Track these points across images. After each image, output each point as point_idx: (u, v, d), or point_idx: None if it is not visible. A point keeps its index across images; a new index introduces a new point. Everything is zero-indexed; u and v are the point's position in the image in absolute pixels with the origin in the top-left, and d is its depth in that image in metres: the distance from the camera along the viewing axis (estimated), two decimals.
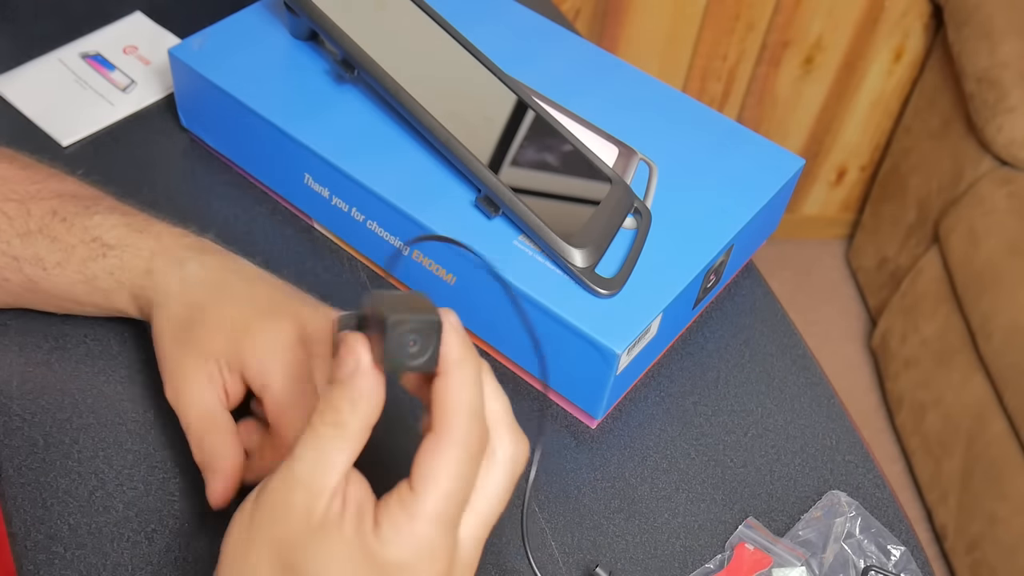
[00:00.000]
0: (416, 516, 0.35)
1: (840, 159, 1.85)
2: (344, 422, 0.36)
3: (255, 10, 0.68)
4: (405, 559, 0.35)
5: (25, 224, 0.53)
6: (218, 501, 0.49)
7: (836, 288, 1.90)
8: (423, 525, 0.35)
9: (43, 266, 0.53)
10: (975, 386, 1.41)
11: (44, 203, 0.54)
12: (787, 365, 0.63)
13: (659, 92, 0.67)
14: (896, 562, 0.54)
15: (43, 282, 0.54)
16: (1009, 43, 1.42)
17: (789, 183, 0.64)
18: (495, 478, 0.38)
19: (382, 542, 0.35)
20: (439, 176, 0.59)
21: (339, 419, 0.36)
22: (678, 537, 0.54)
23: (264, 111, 0.61)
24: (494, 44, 0.66)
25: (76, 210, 0.54)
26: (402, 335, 0.35)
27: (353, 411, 0.36)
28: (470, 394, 0.36)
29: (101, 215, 0.54)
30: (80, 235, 0.53)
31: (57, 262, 0.53)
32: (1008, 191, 1.43)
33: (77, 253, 0.53)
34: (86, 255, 0.53)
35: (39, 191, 0.55)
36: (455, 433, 0.36)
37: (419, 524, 0.35)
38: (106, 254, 0.53)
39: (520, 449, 0.39)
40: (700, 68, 1.65)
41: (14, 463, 0.53)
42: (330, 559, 0.36)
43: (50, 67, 0.73)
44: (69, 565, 0.50)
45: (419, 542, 0.35)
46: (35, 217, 0.54)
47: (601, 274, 0.55)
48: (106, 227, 0.54)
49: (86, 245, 0.53)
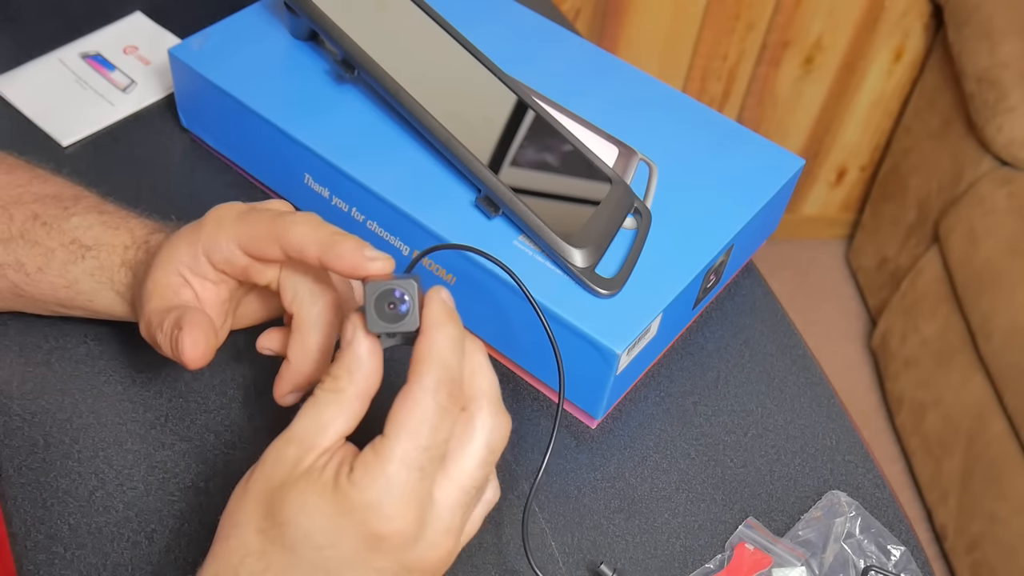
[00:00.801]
0: (384, 458, 0.37)
1: (840, 159, 1.85)
2: (340, 388, 0.40)
3: (255, 10, 0.68)
4: (373, 499, 0.37)
5: (7, 230, 0.53)
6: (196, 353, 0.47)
7: (836, 288, 1.90)
8: (391, 465, 0.37)
9: (25, 272, 0.53)
10: (975, 386, 1.41)
11: (26, 207, 0.54)
12: (787, 365, 0.63)
13: (659, 92, 0.67)
14: (896, 562, 0.54)
15: (27, 287, 0.54)
16: (1009, 43, 1.42)
17: (789, 183, 0.64)
18: (472, 447, 0.39)
19: (352, 483, 0.37)
20: (439, 176, 0.59)
21: (336, 386, 0.40)
22: (678, 537, 0.54)
23: (264, 111, 0.61)
24: (494, 44, 0.66)
25: (56, 212, 0.54)
26: (380, 298, 0.40)
27: (349, 378, 0.40)
28: (445, 350, 0.39)
29: (79, 216, 0.54)
30: (59, 238, 0.53)
31: (39, 267, 0.53)
32: (1008, 191, 1.43)
33: (57, 257, 0.53)
34: (66, 258, 0.53)
35: (21, 195, 0.54)
36: (425, 382, 0.38)
37: (388, 465, 0.37)
38: (84, 256, 0.53)
39: (500, 424, 0.40)
40: (700, 68, 1.65)
41: (14, 463, 0.53)
42: (305, 500, 0.38)
43: (50, 67, 0.74)
44: (69, 565, 0.50)
45: (387, 482, 0.37)
46: (17, 222, 0.53)
47: (601, 274, 0.55)
48: (83, 228, 0.53)
49: (65, 248, 0.53)
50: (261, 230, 0.47)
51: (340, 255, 0.43)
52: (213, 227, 0.48)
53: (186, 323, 0.47)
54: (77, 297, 0.54)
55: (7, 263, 0.53)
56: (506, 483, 0.55)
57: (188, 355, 0.47)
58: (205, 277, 0.49)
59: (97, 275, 0.53)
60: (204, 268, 0.49)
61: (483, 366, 0.41)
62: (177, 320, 0.47)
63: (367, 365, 0.40)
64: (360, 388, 0.40)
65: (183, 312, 0.47)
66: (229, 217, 0.48)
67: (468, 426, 0.39)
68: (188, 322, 0.47)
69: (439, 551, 0.39)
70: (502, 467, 0.56)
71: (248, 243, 0.47)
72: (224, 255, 0.48)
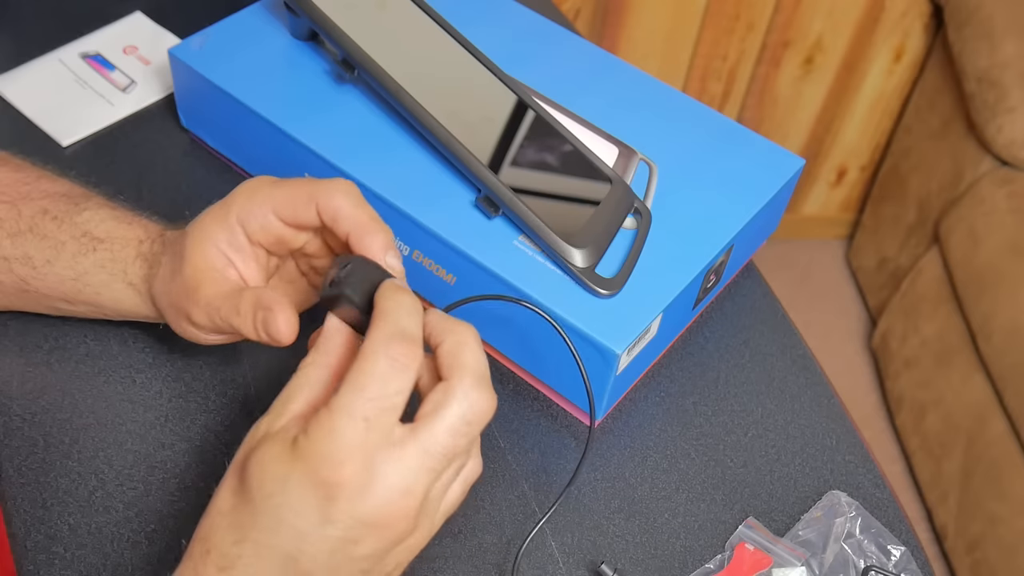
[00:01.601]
0: (332, 408, 0.39)
1: (840, 159, 1.84)
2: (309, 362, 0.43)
3: (255, 10, 0.68)
4: (320, 447, 0.38)
5: (16, 224, 0.53)
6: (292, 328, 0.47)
7: (836, 288, 1.90)
8: (336, 414, 0.38)
9: (32, 265, 0.53)
10: (975, 386, 1.41)
11: (34, 203, 0.54)
12: (787, 365, 0.63)
13: (659, 92, 0.67)
14: (896, 562, 0.54)
15: (33, 281, 0.54)
16: (1009, 43, 1.42)
17: (789, 183, 0.64)
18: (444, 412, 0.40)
19: (307, 436, 0.39)
20: (439, 176, 0.59)
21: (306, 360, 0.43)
22: (678, 537, 0.54)
23: (264, 111, 0.61)
24: (494, 44, 0.66)
25: (66, 208, 0.54)
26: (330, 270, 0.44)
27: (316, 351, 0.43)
28: (397, 313, 0.41)
29: (90, 211, 0.54)
30: (70, 231, 0.53)
31: (47, 259, 0.53)
32: (1008, 191, 1.43)
33: (67, 249, 0.53)
34: (76, 250, 0.53)
35: (29, 192, 0.55)
36: (375, 337, 0.40)
37: (334, 414, 0.38)
38: (96, 248, 0.53)
39: (481, 398, 0.40)
40: (700, 68, 1.65)
41: (14, 463, 0.53)
42: (264, 454, 0.39)
43: (50, 67, 0.74)
44: (69, 565, 0.50)
45: (332, 430, 0.38)
46: (25, 217, 0.54)
47: (601, 274, 0.55)
48: (95, 221, 0.54)
49: (76, 240, 0.53)
50: (300, 193, 0.48)
51: (368, 247, 0.46)
52: (245, 197, 0.49)
53: (274, 303, 0.47)
54: (84, 290, 0.54)
55: (14, 257, 0.53)
56: (506, 483, 0.55)
57: (285, 333, 0.47)
58: (243, 251, 0.50)
59: (109, 267, 0.53)
60: (241, 241, 0.49)
61: (470, 343, 0.41)
62: (258, 301, 0.47)
63: (333, 340, 0.43)
64: (327, 359, 0.43)
65: (259, 293, 0.48)
66: (262, 186, 0.49)
67: (444, 394, 0.40)
68: (275, 302, 0.47)
69: (395, 508, 0.39)
70: (502, 465, 0.56)
71: (284, 207, 0.48)
72: (259, 222, 0.48)
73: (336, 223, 0.47)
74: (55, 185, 0.56)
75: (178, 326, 0.52)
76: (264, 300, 0.47)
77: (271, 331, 0.47)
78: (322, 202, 0.47)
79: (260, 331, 0.47)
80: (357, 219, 0.46)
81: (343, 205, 0.47)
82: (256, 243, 0.49)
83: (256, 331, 0.47)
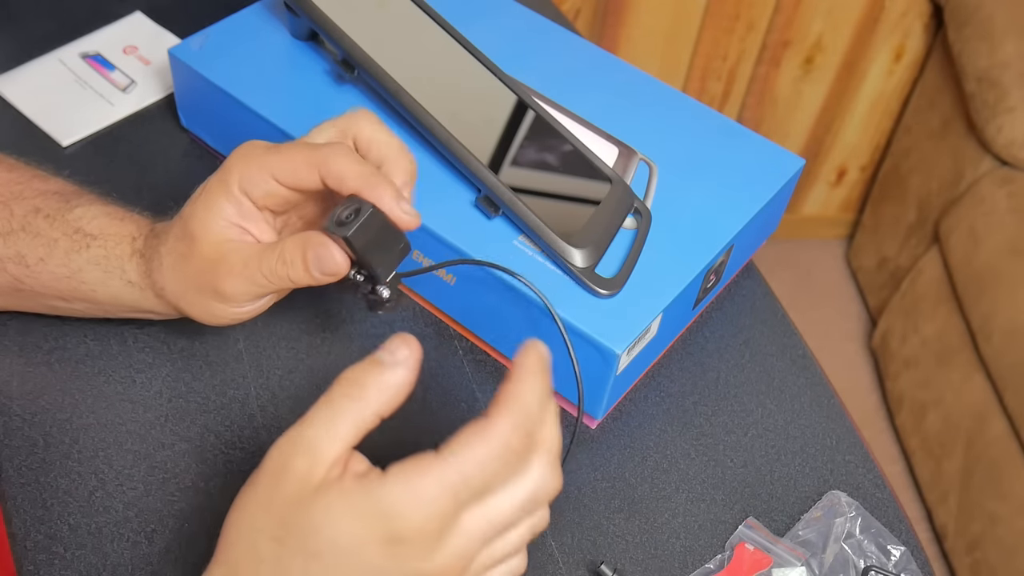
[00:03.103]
0: (427, 474, 0.36)
1: (840, 159, 1.84)
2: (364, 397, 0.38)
3: (255, 10, 0.68)
4: (401, 509, 0.36)
5: (8, 224, 0.53)
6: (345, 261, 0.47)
7: (836, 288, 1.90)
8: (431, 483, 0.36)
9: (26, 263, 0.53)
10: (975, 386, 1.41)
11: (27, 202, 0.54)
12: (787, 365, 0.63)
13: (659, 92, 0.67)
14: (896, 562, 0.54)
15: (27, 279, 0.54)
16: (1009, 43, 1.42)
17: (789, 183, 0.64)
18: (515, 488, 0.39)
19: (384, 484, 0.37)
20: (439, 176, 0.59)
21: (360, 394, 0.38)
22: (678, 537, 0.54)
23: (264, 111, 0.61)
24: (494, 44, 0.66)
25: (58, 205, 0.54)
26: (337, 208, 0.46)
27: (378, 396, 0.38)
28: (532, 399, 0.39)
29: (82, 207, 0.54)
30: (62, 228, 0.53)
31: (40, 257, 0.53)
32: (1008, 191, 1.43)
33: (60, 246, 0.53)
34: (68, 247, 0.53)
35: (22, 191, 0.55)
36: (504, 422, 0.38)
37: (428, 480, 0.36)
38: (89, 244, 0.53)
39: (551, 478, 0.40)
40: (700, 68, 1.65)
41: (14, 463, 0.53)
42: (328, 510, 0.37)
43: (50, 67, 0.74)
44: (69, 565, 0.50)
45: (420, 496, 0.36)
46: (17, 216, 0.54)
47: (601, 274, 0.55)
48: (87, 218, 0.54)
49: (68, 238, 0.53)
50: (299, 159, 0.48)
51: (379, 198, 0.46)
52: (241, 164, 0.49)
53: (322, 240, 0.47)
54: (80, 287, 0.54)
55: (7, 256, 0.53)
56: None
57: (343, 264, 0.47)
58: (253, 218, 0.50)
59: (103, 264, 0.53)
60: (248, 208, 0.49)
61: (553, 419, 0.40)
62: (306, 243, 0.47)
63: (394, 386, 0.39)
64: (383, 408, 0.39)
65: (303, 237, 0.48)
66: (255, 152, 0.49)
67: (520, 468, 0.39)
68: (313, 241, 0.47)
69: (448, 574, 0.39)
70: None
71: (284, 173, 0.48)
72: (263, 189, 0.49)
73: (342, 183, 0.47)
74: (47, 184, 0.56)
75: (202, 309, 0.51)
76: (312, 240, 0.47)
77: (327, 267, 0.47)
78: (324, 169, 0.47)
79: (313, 270, 0.47)
80: (363, 173, 0.46)
81: (345, 165, 0.47)
82: (263, 207, 0.50)
83: (309, 272, 0.48)
